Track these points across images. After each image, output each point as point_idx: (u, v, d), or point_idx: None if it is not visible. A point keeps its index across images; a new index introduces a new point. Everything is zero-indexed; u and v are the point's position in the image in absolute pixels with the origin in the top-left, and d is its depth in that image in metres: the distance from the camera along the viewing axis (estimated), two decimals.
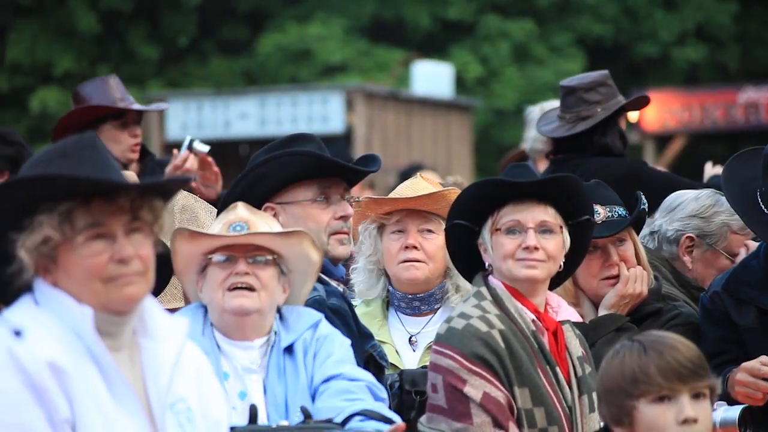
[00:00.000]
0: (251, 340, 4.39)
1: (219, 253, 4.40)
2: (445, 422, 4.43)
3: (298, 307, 4.52)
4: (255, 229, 4.39)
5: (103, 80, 7.27)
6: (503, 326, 4.48)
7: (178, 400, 3.42)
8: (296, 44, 24.06)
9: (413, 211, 5.22)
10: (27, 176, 3.32)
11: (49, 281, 3.35)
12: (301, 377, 4.37)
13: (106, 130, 7.11)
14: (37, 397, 3.21)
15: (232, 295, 4.35)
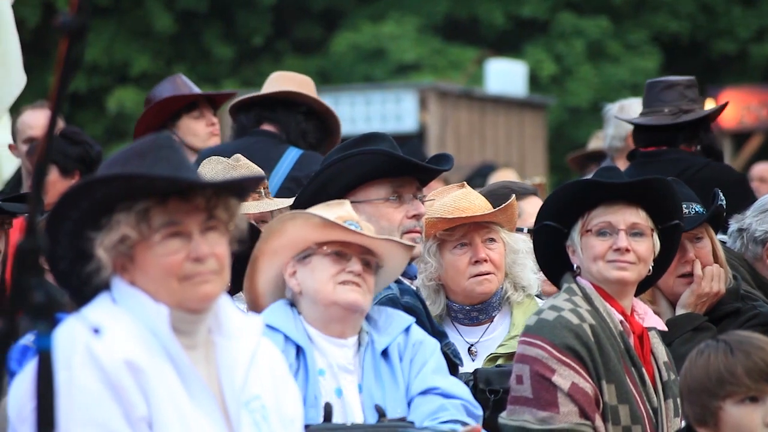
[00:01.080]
0: (346, 338, 4.37)
1: (333, 247, 4.35)
2: (529, 412, 4.43)
3: (385, 309, 4.51)
4: (365, 231, 4.36)
5: (170, 79, 7.39)
6: (593, 321, 4.49)
7: (253, 398, 3.44)
8: (370, 43, 24.10)
9: (476, 223, 5.23)
10: (105, 175, 3.36)
11: (126, 279, 3.38)
12: (400, 384, 4.36)
13: (183, 124, 7.20)
14: (114, 394, 3.25)
15: (346, 288, 4.30)
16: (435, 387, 4.35)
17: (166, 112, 7.19)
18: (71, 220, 3.34)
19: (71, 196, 3.32)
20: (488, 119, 19.12)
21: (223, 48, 24.52)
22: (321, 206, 4.46)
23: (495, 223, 5.25)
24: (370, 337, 4.40)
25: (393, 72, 24.02)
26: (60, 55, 2.76)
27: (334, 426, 3.99)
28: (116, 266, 3.37)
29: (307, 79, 6.94)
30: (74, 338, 3.25)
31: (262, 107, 6.77)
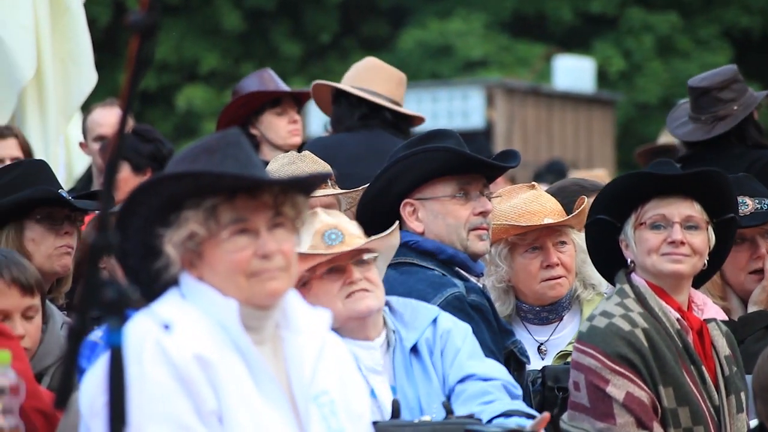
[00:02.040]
0: (372, 339, 4.36)
1: (323, 267, 4.31)
2: (588, 421, 4.40)
3: (411, 301, 4.49)
4: (346, 233, 4.31)
5: (257, 74, 7.43)
6: (647, 324, 4.43)
7: (322, 392, 3.45)
8: (437, 40, 24.07)
9: (548, 227, 5.21)
10: (174, 172, 3.38)
11: (194, 275, 3.41)
12: (433, 379, 4.34)
13: (265, 119, 7.24)
14: (184, 388, 3.27)
15: (355, 299, 4.28)
16: (471, 374, 4.33)
17: (250, 107, 7.23)
18: (140, 217, 3.37)
19: (140, 193, 3.35)
20: (556, 116, 19.03)
21: (290, 45, 24.60)
22: None
23: (566, 225, 5.22)
24: (398, 335, 4.38)
25: (460, 69, 23.97)
26: (131, 54, 2.78)
27: (402, 423, 3.99)
28: (185, 262, 3.39)
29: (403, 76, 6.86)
30: (144, 334, 3.27)
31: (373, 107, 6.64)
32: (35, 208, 4.99)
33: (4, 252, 4.55)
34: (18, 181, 5.05)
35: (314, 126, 16.60)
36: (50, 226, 5.00)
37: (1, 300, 4.39)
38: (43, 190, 5.05)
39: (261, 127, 7.24)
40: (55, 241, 5.00)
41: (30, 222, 4.97)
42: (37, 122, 7.34)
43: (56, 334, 4.63)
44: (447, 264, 4.85)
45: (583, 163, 17.92)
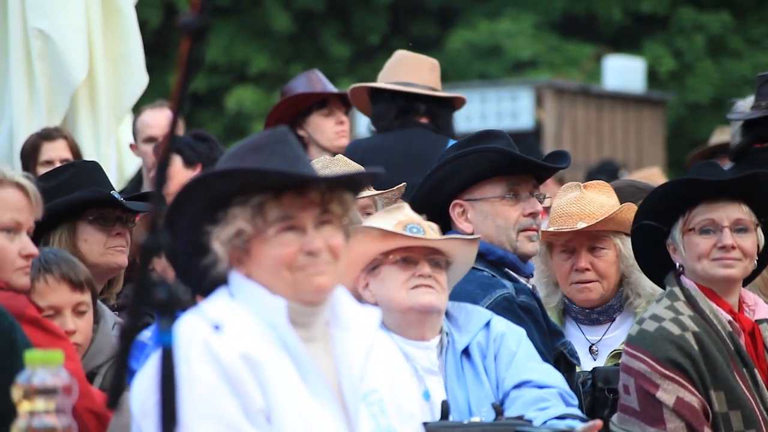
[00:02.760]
0: (428, 339, 4.37)
1: (398, 254, 4.35)
2: (638, 425, 4.37)
3: (465, 305, 4.49)
4: (427, 229, 4.34)
5: (305, 75, 7.45)
6: (697, 328, 4.40)
7: (371, 391, 3.45)
8: (486, 40, 24.03)
9: (582, 231, 5.18)
10: (221, 170, 3.40)
11: (242, 273, 3.42)
12: (484, 382, 4.34)
13: (313, 120, 7.26)
14: (232, 388, 3.28)
15: (419, 292, 4.30)
16: (528, 380, 4.32)
17: (297, 108, 7.26)
18: (189, 215, 3.38)
19: (189, 191, 3.37)
20: (606, 116, 18.94)
21: (339, 47, 24.65)
22: (380, 213, 4.48)
23: (602, 230, 5.17)
24: (451, 337, 4.38)
25: (509, 69, 23.91)
26: (182, 55, 2.79)
27: (452, 424, 3.99)
28: (232, 259, 3.40)
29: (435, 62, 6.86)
30: (193, 333, 3.29)
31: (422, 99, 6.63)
32: (87, 209, 5.03)
33: (55, 250, 4.61)
34: (71, 182, 5.09)
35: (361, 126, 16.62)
36: (102, 227, 5.05)
37: (52, 296, 4.45)
38: (95, 191, 5.09)
39: (308, 128, 7.26)
40: (107, 242, 5.05)
41: (82, 223, 5.02)
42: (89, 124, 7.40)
43: (107, 334, 4.67)
44: (496, 265, 4.85)
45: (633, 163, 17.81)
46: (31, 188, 4.18)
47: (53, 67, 7.17)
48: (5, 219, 4.12)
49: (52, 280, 4.45)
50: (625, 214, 5.13)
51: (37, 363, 3.04)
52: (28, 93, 7.25)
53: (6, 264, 4.12)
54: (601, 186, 5.33)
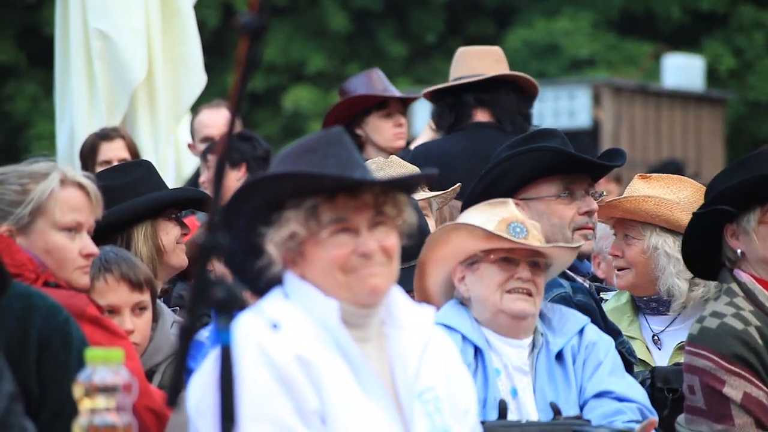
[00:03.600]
0: (521, 339, 4.36)
1: (500, 254, 4.32)
2: (706, 424, 4.35)
3: (560, 308, 4.49)
4: (531, 230, 4.32)
5: (366, 74, 7.45)
6: (759, 322, 4.38)
7: (426, 389, 3.44)
8: (543, 39, 23.94)
9: (621, 219, 5.14)
10: (275, 173, 3.40)
11: (297, 274, 3.43)
12: (572, 386, 4.33)
13: (371, 120, 7.26)
14: (286, 389, 3.28)
15: (513, 298, 4.28)
16: (610, 391, 4.30)
17: (357, 108, 7.27)
18: (244, 216, 3.40)
19: (244, 193, 3.38)
20: (664, 115, 18.81)
21: (396, 46, 24.65)
22: (484, 205, 4.45)
23: (638, 221, 5.13)
24: (545, 338, 4.37)
25: (566, 68, 23.81)
26: (240, 55, 2.81)
27: (509, 423, 3.98)
28: (286, 261, 3.41)
29: (498, 50, 6.83)
30: (248, 334, 3.30)
31: (476, 90, 6.65)
32: (168, 208, 5.10)
33: (115, 250, 4.65)
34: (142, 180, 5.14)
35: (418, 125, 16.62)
36: (178, 224, 5.12)
37: (111, 295, 4.49)
38: (187, 190, 5.18)
39: (367, 128, 7.26)
40: (179, 240, 5.12)
41: (163, 220, 5.08)
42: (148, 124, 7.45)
43: (166, 333, 4.70)
44: None
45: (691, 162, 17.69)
46: (91, 188, 4.22)
47: (113, 67, 7.23)
48: (66, 219, 4.16)
49: (112, 279, 4.50)
50: (641, 205, 5.05)
51: (98, 361, 3.07)
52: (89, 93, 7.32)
53: (66, 263, 4.16)
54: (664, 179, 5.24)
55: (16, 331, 3.70)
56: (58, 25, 7.53)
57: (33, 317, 3.72)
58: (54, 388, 3.66)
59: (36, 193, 4.12)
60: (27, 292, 3.75)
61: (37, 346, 3.73)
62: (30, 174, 4.17)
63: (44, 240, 4.13)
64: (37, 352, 3.73)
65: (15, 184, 4.15)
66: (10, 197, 4.14)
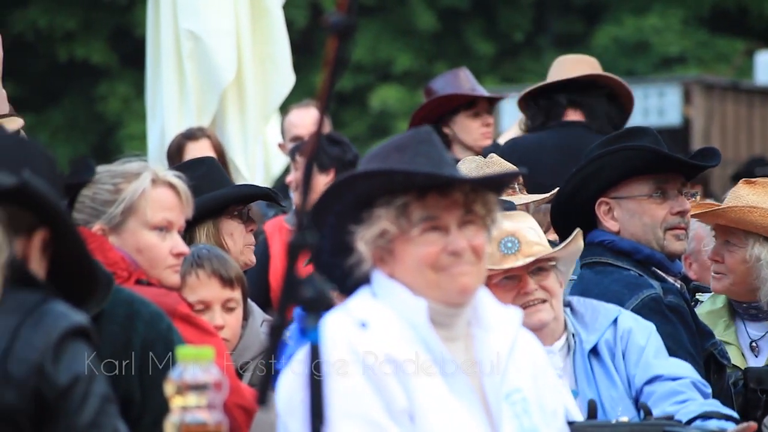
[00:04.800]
0: (550, 345, 4.32)
1: (499, 276, 4.27)
2: None
3: (591, 302, 4.43)
4: (523, 240, 4.25)
5: (453, 73, 7.45)
6: None
7: (514, 390, 3.44)
8: (633, 36, 23.72)
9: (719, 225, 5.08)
10: (366, 170, 3.41)
11: (386, 272, 3.43)
12: (616, 381, 4.29)
13: (459, 119, 7.27)
14: (376, 387, 3.29)
15: (528, 312, 4.22)
16: (659, 375, 4.25)
17: (445, 108, 7.28)
18: (334, 213, 3.41)
19: (335, 190, 3.40)
20: (756, 112, 18.54)
21: (483, 44, 24.58)
22: None
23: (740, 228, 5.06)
24: (578, 337, 4.33)
25: (656, 65, 23.58)
26: (328, 55, 2.82)
27: (598, 423, 3.95)
28: (376, 259, 3.42)
29: (595, 61, 6.82)
30: (336, 332, 3.31)
31: (568, 91, 6.63)
32: (230, 206, 5.12)
33: (207, 246, 4.70)
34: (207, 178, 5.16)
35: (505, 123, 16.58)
36: (242, 222, 5.13)
37: (202, 290, 4.53)
38: (250, 187, 5.19)
39: (454, 127, 7.26)
40: (245, 238, 5.14)
41: (226, 219, 5.10)
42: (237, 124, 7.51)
43: (256, 331, 4.73)
44: (643, 264, 4.79)
45: None
46: (182, 187, 4.26)
47: (203, 68, 7.30)
48: (157, 218, 4.20)
49: (203, 275, 4.54)
50: (746, 216, 4.96)
51: (189, 359, 3.09)
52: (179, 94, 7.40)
53: (157, 262, 4.20)
54: None
55: (119, 337, 3.73)
56: (149, 26, 7.61)
57: (136, 324, 3.76)
58: (155, 395, 3.68)
59: (128, 193, 4.17)
60: (130, 299, 3.79)
61: (139, 352, 3.77)
62: (122, 174, 4.22)
63: (136, 239, 4.18)
64: (139, 358, 3.77)
65: (108, 183, 4.20)
66: (103, 197, 4.19)
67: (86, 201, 4.18)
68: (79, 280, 3.08)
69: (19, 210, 2.96)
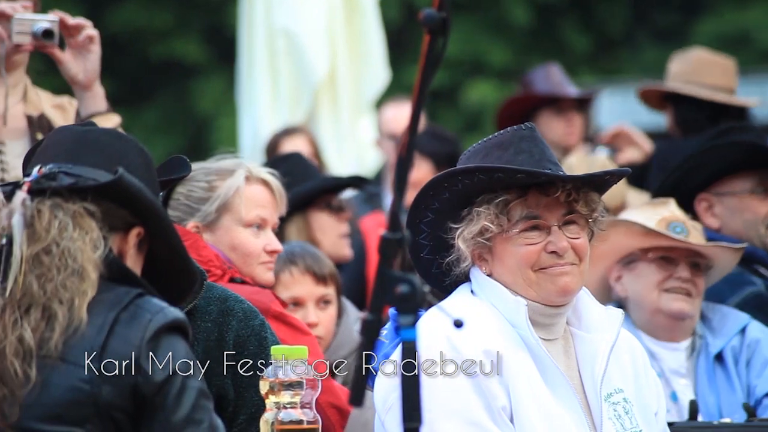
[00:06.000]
0: (678, 341, 4.30)
1: (658, 252, 4.28)
2: None
3: (721, 307, 4.41)
4: (691, 230, 4.26)
5: (544, 68, 7.41)
6: None
7: (615, 391, 3.40)
8: (734, 30, 23.41)
9: None
10: (467, 167, 3.39)
11: (484, 270, 3.41)
12: (736, 388, 4.26)
13: (545, 116, 7.23)
14: (475, 385, 3.27)
15: (671, 297, 4.23)
16: None
17: (530, 104, 7.24)
18: (432, 211, 3.39)
19: (433, 188, 3.37)
20: None
21: (580, 39, 24.42)
22: (644, 205, 4.40)
23: None
24: (705, 340, 4.30)
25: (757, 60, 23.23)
26: (423, 51, 2.79)
27: (701, 424, 3.91)
28: (474, 257, 3.40)
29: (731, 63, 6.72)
30: (436, 330, 3.29)
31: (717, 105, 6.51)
32: (317, 198, 5.12)
33: (300, 244, 4.71)
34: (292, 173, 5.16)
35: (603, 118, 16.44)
36: (332, 214, 5.12)
37: (296, 287, 4.54)
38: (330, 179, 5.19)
39: (538, 124, 7.21)
40: (338, 229, 5.13)
41: (315, 211, 5.10)
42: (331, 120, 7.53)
43: (349, 328, 4.72)
44: (745, 261, 4.72)
45: None
46: (276, 185, 4.26)
47: (296, 64, 7.32)
48: (251, 215, 4.20)
49: (297, 272, 4.54)
50: None
51: (283, 358, 3.08)
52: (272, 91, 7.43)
53: (251, 259, 4.21)
54: None
55: (213, 333, 3.75)
56: (242, 23, 7.66)
57: (229, 321, 3.77)
58: (250, 392, 3.69)
59: (222, 190, 4.18)
60: (224, 296, 3.81)
61: (232, 349, 3.77)
62: (216, 171, 4.23)
63: (230, 236, 4.18)
64: (232, 355, 3.77)
65: (202, 181, 4.21)
66: (197, 194, 4.20)
67: (181, 198, 4.19)
68: (174, 277, 3.09)
69: (116, 207, 2.97)
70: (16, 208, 2.91)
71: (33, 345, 2.84)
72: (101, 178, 2.96)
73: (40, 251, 2.89)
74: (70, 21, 4.49)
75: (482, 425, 3.25)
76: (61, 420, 2.83)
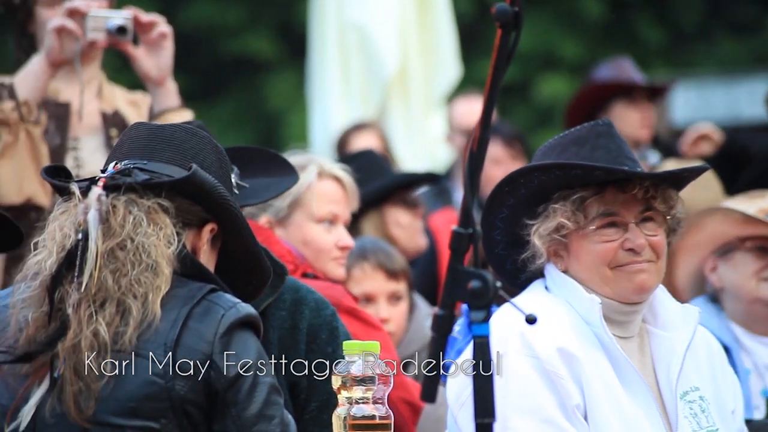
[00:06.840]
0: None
1: (756, 242, 4.25)
2: None
3: None
4: None
5: (615, 61, 7.36)
6: None
7: (691, 389, 3.37)
8: None
9: None
10: (543, 164, 3.37)
11: (559, 267, 3.39)
12: None
13: (616, 108, 7.18)
14: (549, 383, 3.26)
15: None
16: None
17: (601, 96, 7.19)
18: (508, 207, 3.39)
19: (509, 184, 3.36)
20: None
21: (654, 33, 24.22)
22: (742, 197, 4.34)
23: None
24: None
25: None
26: (495, 45, 2.78)
27: None
28: (549, 253, 3.39)
29: None
30: (509, 326, 3.28)
31: None
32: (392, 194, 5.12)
33: (372, 239, 4.72)
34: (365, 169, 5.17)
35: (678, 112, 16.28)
36: (408, 208, 5.13)
37: (367, 283, 4.55)
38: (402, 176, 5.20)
39: (611, 116, 7.15)
40: (414, 223, 5.13)
41: (390, 207, 5.10)
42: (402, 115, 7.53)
43: (421, 323, 4.72)
44: None
45: None
46: (347, 180, 4.27)
47: (367, 60, 7.33)
48: (323, 211, 4.21)
49: (369, 267, 4.55)
50: None
51: (355, 353, 3.09)
52: (343, 86, 7.45)
53: (323, 254, 4.22)
54: None
55: (287, 321, 3.78)
56: (314, 19, 7.67)
57: (302, 310, 3.79)
58: (321, 381, 3.72)
59: (294, 186, 4.19)
60: (296, 286, 3.83)
61: (306, 338, 3.80)
62: None
63: (302, 232, 4.20)
64: (305, 344, 3.79)
65: None
66: None
67: None
68: (247, 273, 3.10)
69: (189, 203, 2.99)
70: (92, 204, 2.93)
71: (108, 339, 2.87)
72: (175, 174, 2.98)
73: (114, 246, 2.92)
74: (143, 18, 4.53)
75: (556, 423, 3.23)
76: (136, 414, 2.86)
